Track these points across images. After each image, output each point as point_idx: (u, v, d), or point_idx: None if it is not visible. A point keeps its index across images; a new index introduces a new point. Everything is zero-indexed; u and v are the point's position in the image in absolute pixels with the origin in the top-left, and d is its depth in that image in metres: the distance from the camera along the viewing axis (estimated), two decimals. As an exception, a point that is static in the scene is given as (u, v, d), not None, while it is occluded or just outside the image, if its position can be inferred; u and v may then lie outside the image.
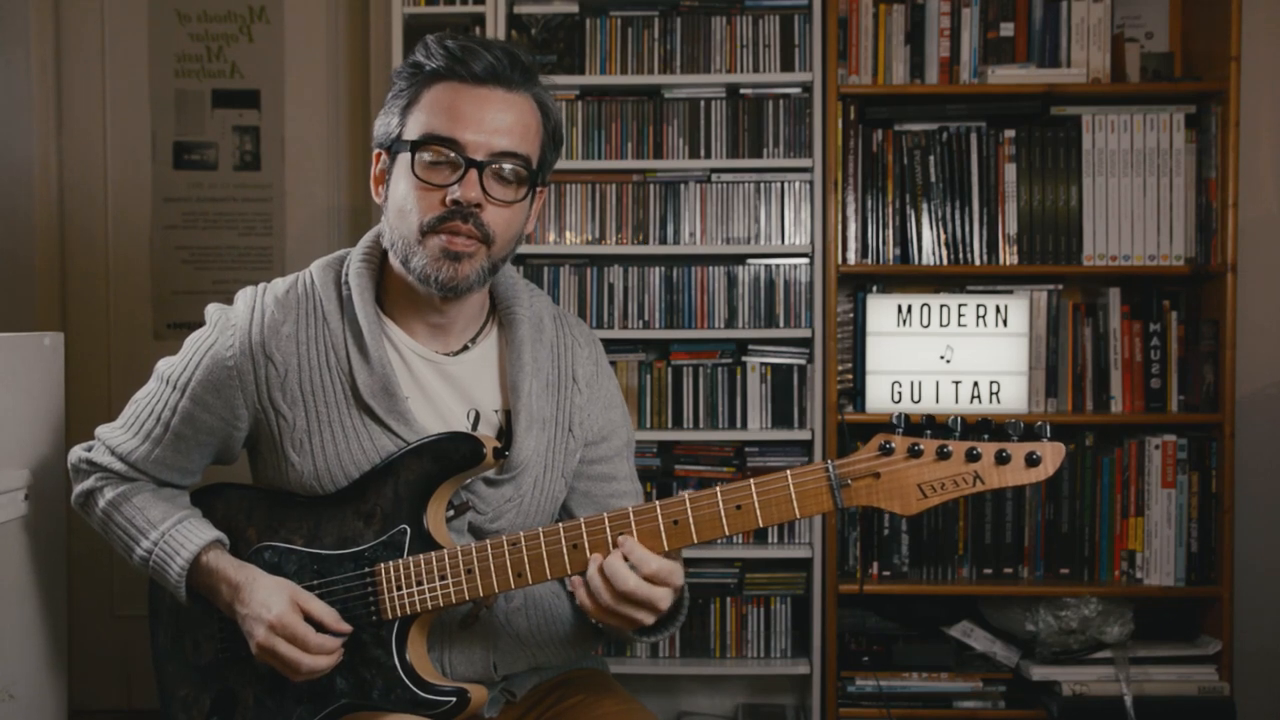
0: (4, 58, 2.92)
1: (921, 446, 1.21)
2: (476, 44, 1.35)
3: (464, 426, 1.43)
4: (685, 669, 2.64)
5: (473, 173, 1.31)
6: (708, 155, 2.62)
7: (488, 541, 1.32)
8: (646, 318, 2.62)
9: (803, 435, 2.59)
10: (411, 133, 1.34)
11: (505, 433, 1.45)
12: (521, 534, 1.31)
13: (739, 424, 2.61)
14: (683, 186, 2.62)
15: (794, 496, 1.24)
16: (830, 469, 1.23)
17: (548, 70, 2.60)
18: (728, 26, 2.62)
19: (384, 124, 1.39)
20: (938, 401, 2.59)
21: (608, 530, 1.28)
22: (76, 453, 1.48)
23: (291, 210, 3.03)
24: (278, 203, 3.03)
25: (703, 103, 2.62)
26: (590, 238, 2.63)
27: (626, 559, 1.25)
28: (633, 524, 1.27)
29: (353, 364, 1.38)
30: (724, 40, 2.62)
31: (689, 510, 1.26)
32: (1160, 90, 2.59)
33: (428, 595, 1.32)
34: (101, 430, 1.48)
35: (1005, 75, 2.58)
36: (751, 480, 1.25)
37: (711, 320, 2.62)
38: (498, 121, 1.33)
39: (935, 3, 2.64)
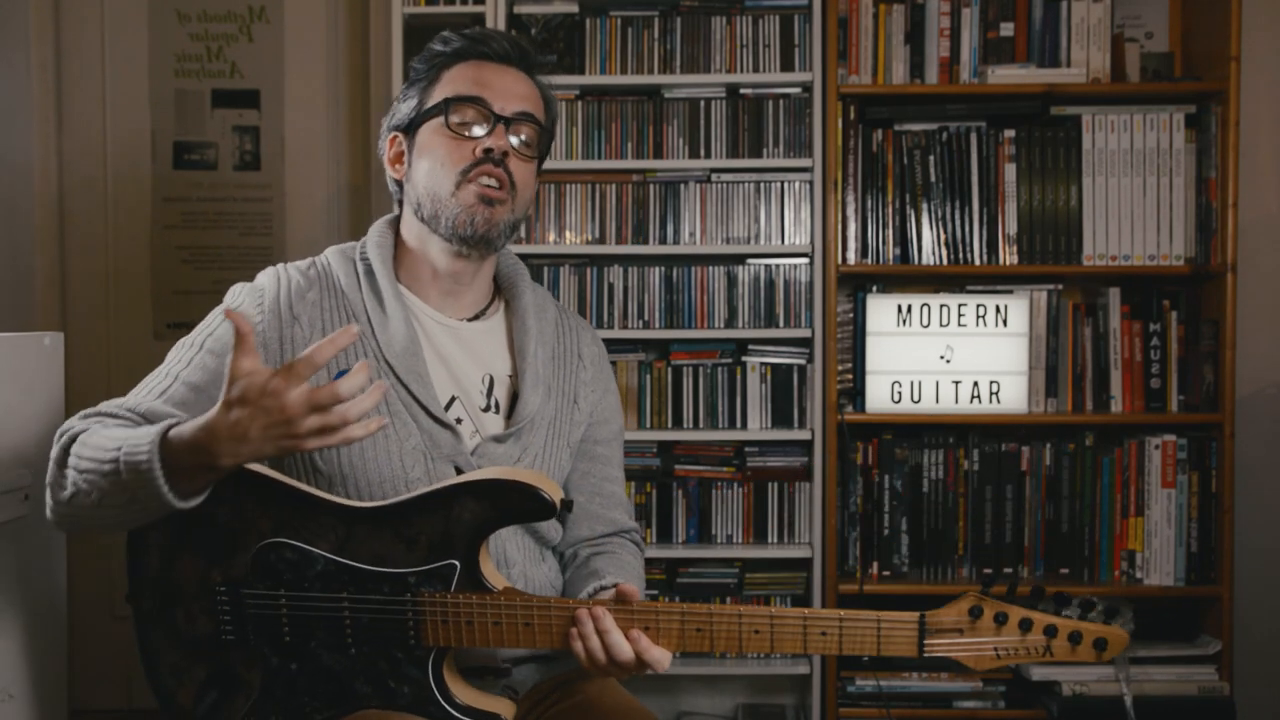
0: (4, 58, 2.92)
1: (1007, 614, 1.28)
2: (492, 31, 1.52)
3: (479, 390, 1.49)
4: (685, 669, 2.63)
5: (500, 125, 1.46)
6: (708, 155, 2.62)
7: (551, 600, 1.31)
8: (646, 318, 2.62)
9: (803, 435, 2.59)
10: (439, 98, 1.47)
11: (516, 397, 1.52)
12: (589, 603, 1.30)
13: (739, 424, 2.61)
14: (683, 186, 2.62)
15: (880, 639, 1.28)
16: (922, 623, 1.28)
17: (547, 70, 2.60)
18: (728, 26, 2.62)
19: (402, 108, 1.51)
20: (938, 401, 2.59)
21: (683, 625, 1.29)
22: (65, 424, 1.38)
23: (291, 210, 3.02)
24: (278, 203, 3.02)
25: (703, 103, 2.62)
26: (590, 238, 2.63)
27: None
28: (712, 625, 1.29)
29: (374, 325, 1.44)
30: (724, 40, 2.62)
31: (771, 624, 1.29)
32: (1160, 90, 2.59)
33: (477, 635, 1.31)
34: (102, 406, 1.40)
35: (1005, 75, 2.58)
36: (841, 612, 1.28)
37: (711, 320, 2.62)
38: (518, 89, 1.49)
39: (935, 3, 2.63)
